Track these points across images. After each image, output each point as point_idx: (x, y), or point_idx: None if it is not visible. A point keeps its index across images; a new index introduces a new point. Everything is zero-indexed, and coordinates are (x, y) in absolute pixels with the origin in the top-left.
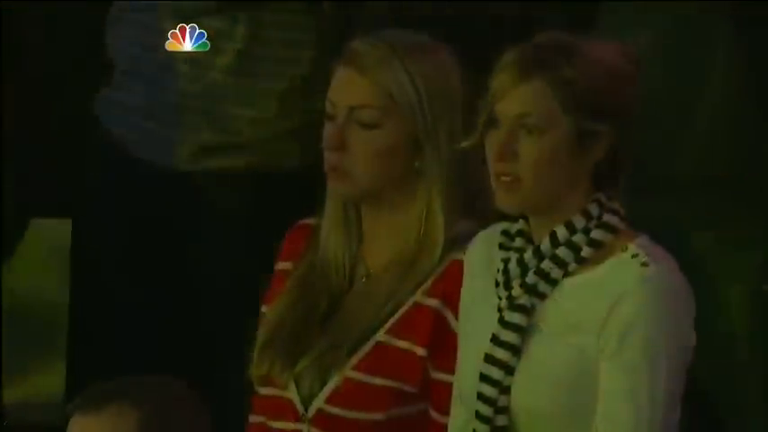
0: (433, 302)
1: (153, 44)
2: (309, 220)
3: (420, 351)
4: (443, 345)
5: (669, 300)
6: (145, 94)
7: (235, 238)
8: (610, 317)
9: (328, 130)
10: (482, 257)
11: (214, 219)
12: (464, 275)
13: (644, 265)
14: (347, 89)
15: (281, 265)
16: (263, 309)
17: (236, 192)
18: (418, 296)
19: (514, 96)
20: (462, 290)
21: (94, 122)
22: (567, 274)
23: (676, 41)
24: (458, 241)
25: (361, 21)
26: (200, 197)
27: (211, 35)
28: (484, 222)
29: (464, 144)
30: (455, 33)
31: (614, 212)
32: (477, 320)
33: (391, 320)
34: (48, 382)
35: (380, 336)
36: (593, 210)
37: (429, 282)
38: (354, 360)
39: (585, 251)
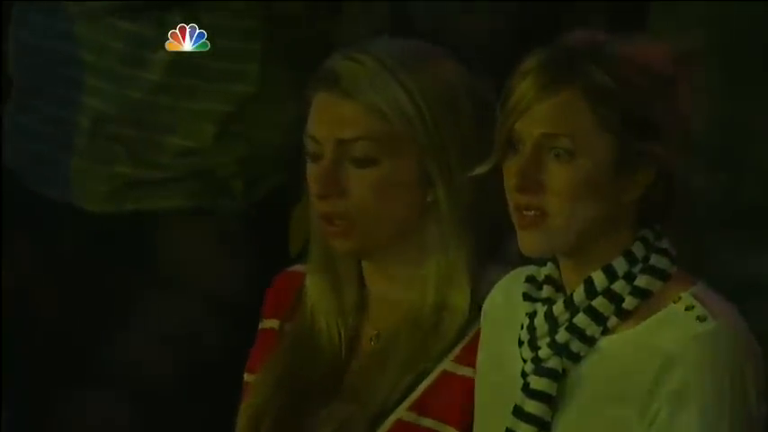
0: (465, 371)
1: (58, 53)
2: (298, 268)
3: None
4: None
5: (732, 362)
6: (49, 117)
7: (168, 292)
8: (658, 383)
9: (314, 172)
10: (502, 311)
11: (140, 272)
12: (480, 333)
13: (701, 319)
14: (332, 120)
15: (266, 323)
16: (247, 377)
17: (165, 238)
18: (446, 363)
19: (539, 112)
20: (479, 351)
21: None
22: (605, 331)
23: (743, 43)
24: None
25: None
26: (122, 244)
27: (132, 42)
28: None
29: (478, 171)
30: (475, 39)
31: (664, 254)
32: (496, 388)
33: (414, 393)
34: None
35: (402, 412)
36: (638, 250)
37: (460, 345)
38: None
39: (629, 302)
